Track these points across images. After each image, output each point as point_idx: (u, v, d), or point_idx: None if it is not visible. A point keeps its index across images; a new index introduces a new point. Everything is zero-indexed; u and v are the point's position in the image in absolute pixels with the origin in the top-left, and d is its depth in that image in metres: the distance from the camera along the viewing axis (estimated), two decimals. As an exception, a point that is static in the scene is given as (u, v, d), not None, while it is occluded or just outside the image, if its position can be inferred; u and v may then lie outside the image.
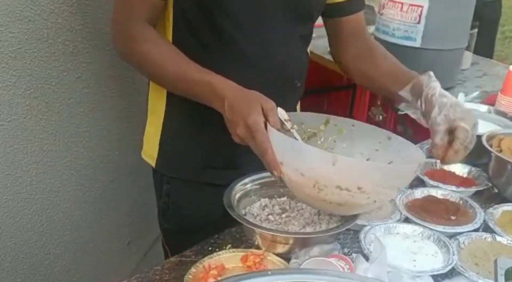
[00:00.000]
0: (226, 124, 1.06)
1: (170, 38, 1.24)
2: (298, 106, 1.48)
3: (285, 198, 1.21)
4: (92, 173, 1.98)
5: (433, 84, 1.21)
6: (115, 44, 1.27)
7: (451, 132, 1.16)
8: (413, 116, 1.27)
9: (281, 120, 1.05)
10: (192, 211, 1.40)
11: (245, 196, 1.18)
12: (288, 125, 1.07)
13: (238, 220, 1.06)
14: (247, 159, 1.11)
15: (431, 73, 1.23)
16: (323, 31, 1.46)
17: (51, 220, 1.82)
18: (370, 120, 2.45)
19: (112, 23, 1.25)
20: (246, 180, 1.19)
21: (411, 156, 1.10)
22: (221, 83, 1.09)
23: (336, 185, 0.96)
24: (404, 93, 1.25)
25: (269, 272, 0.61)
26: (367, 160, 1.15)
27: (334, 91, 3.17)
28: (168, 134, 1.37)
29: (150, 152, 1.44)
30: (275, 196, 1.21)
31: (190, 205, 1.40)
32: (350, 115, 2.70)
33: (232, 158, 1.31)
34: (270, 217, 1.15)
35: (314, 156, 0.96)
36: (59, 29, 1.67)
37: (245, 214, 1.16)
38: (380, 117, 2.36)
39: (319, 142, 1.18)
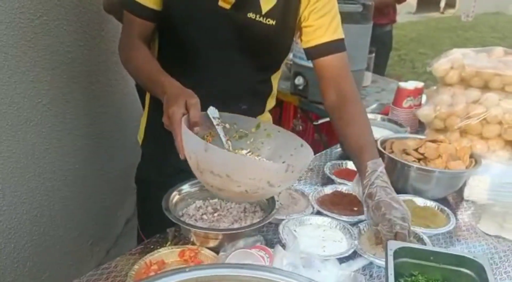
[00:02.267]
0: None
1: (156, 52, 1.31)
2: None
3: (216, 200, 1.17)
4: (56, 184, 1.89)
5: (374, 180, 1.09)
6: (119, 54, 1.28)
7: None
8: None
9: (211, 117, 1.05)
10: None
11: (182, 199, 1.14)
12: (215, 121, 1.07)
13: (174, 221, 1.03)
14: None
15: (374, 164, 1.11)
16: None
17: (19, 227, 1.71)
18: (294, 130, 2.45)
19: (119, 39, 1.28)
20: (183, 186, 1.15)
21: (305, 161, 1.08)
22: (167, 81, 1.10)
23: (210, 170, 0.94)
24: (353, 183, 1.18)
25: (187, 269, 0.58)
26: (283, 162, 1.11)
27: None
28: (150, 124, 1.42)
29: (140, 134, 1.47)
30: (208, 198, 1.18)
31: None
32: (279, 125, 2.67)
33: None
34: (204, 216, 1.12)
35: (192, 141, 0.94)
36: (19, 60, 1.59)
37: (182, 215, 1.12)
38: (301, 127, 2.36)
39: (248, 142, 1.15)
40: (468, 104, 1.50)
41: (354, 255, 1.05)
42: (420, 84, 1.77)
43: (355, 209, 1.23)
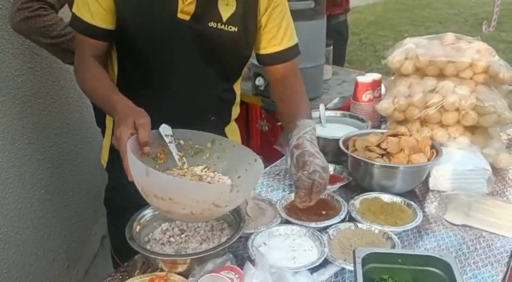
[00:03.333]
0: None
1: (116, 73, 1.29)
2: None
3: (182, 220, 1.14)
4: (21, 213, 1.82)
5: (302, 134, 1.16)
6: (75, 76, 1.25)
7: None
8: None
9: (163, 135, 1.03)
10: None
11: (147, 225, 1.10)
12: (167, 139, 1.04)
13: (139, 250, 0.98)
14: None
15: (304, 122, 1.19)
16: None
17: (-14, 263, 1.64)
18: (261, 131, 2.41)
19: (74, 60, 1.25)
20: (145, 211, 1.11)
21: (253, 179, 1.07)
22: (118, 100, 1.07)
23: (153, 193, 0.91)
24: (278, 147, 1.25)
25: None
26: (239, 177, 1.08)
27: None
28: (113, 147, 1.37)
29: (104, 157, 1.43)
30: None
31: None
32: (247, 127, 2.60)
33: None
34: (172, 238, 1.08)
35: (134, 166, 0.91)
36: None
37: (148, 241, 1.07)
38: (267, 127, 2.32)
39: (204, 157, 1.12)
40: (425, 94, 1.50)
41: (326, 262, 1.03)
42: (377, 76, 1.76)
43: (323, 212, 1.21)
